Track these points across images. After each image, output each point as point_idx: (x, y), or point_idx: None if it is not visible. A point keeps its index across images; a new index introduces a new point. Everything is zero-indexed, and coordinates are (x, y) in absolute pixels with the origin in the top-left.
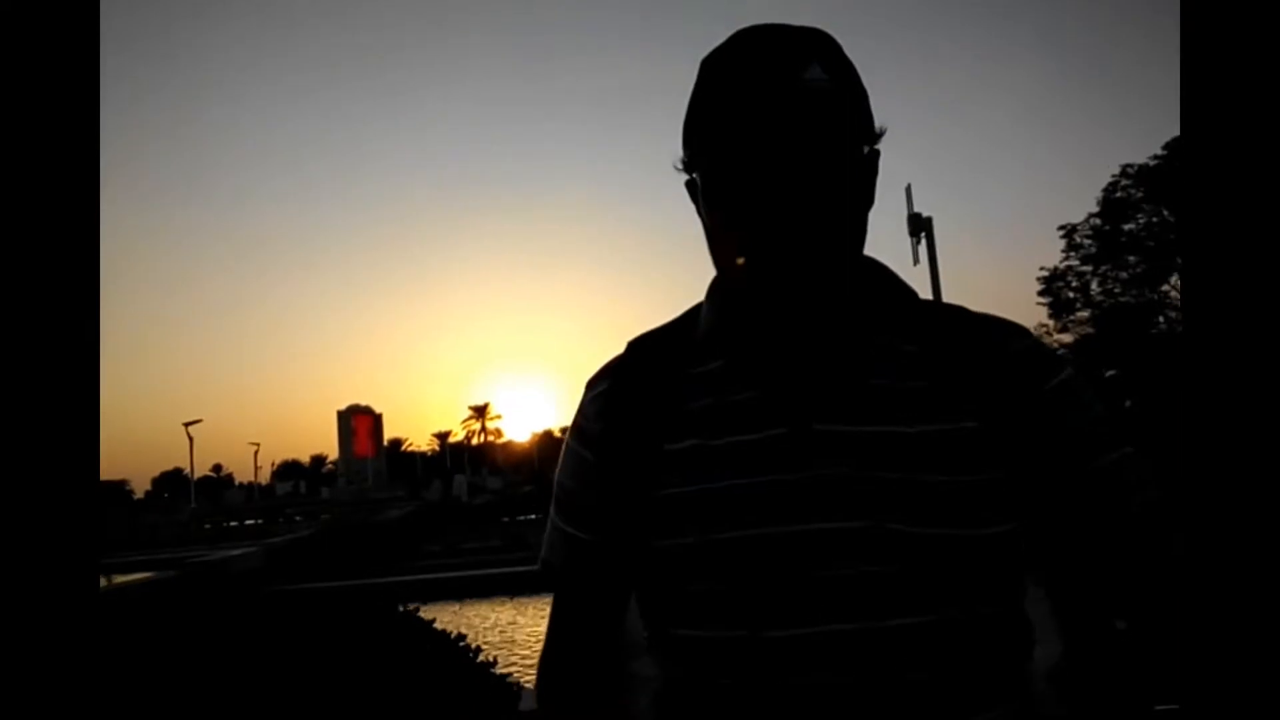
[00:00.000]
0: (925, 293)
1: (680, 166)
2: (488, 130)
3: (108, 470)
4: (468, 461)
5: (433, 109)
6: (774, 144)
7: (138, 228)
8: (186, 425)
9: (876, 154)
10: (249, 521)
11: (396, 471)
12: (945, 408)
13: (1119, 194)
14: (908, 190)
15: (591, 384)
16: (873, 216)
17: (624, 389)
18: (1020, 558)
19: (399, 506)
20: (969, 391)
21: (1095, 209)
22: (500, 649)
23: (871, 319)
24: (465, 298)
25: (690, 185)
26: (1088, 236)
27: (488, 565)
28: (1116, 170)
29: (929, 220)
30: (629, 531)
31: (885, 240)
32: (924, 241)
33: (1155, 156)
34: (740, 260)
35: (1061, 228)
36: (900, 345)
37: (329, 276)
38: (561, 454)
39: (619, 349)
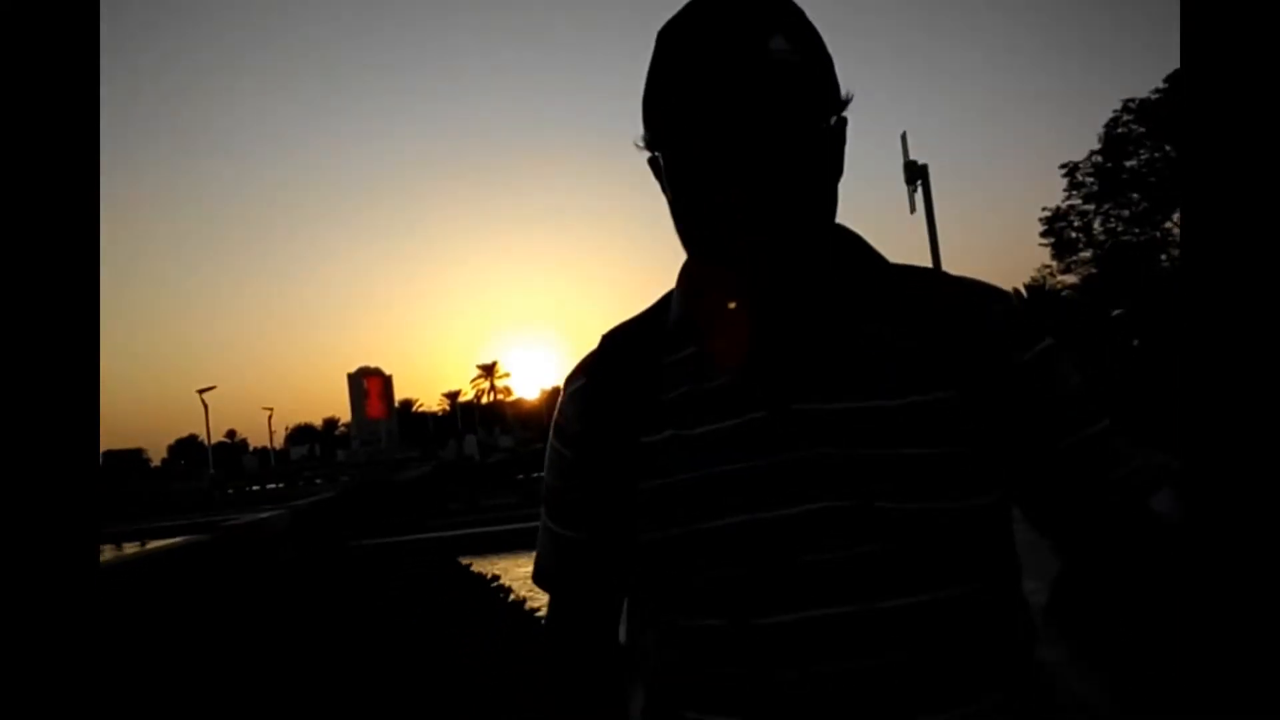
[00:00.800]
0: (923, 240)
1: (641, 145)
2: (495, 92)
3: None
4: (478, 420)
5: (440, 72)
6: (738, 120)
7: (148, 197)
8: (200, 392)
9: (844, 122)
10: (269, 486)
11: (408, 432)
12: (924, 378)
13: (1120, 129)
14: (903, 138)
15: (569, 382)
16: (869, 164)
17: (599, 385)
18: (1009, 531)
19: (415, 467)
20: (947, 360)
21: (1096, 147)
22: (529, 594)
23: (845, 293)
24: (470, 258)
25: (653, 163)
26: (1089, 175)
27: (507, 521)
28: (1117, 106)
29: (924, 168)
30: (615, 528)
31: (882, 187)
32: (920, 189)
33: (1156, 90)
34: (706, 239)
35: (1063, 166)
36: (876, 317)
37: (335, 239)
38: (546, 454)
39: (625, 304)
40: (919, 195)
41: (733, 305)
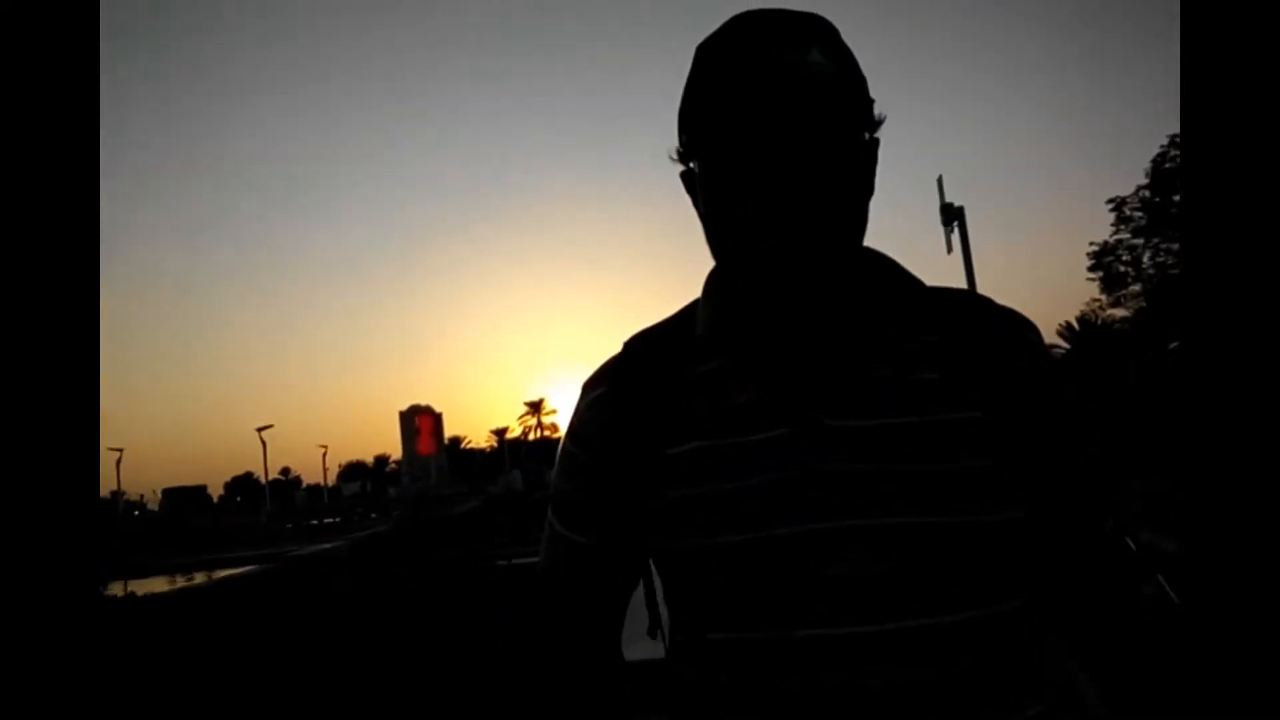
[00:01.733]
0: (960, 279)
1: (676, 156)
2: (541, 127)
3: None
4: (525, 457)
5: (487, 111)
6: (773, 130)
7: (211, 250)
8: (259, 430)
9: (876, 142)
10: (326, 520)
11: (457, 468)
12: (952, 397)
13: (1168, 164)
14: (939, 181)
15: (588, 388)
16: (907, 205)
17: (621, 393)
18: (1032, 547)
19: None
20: (976, 380)
21: (1144, 180)
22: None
23: (874, 312)
24: (518, 295)
25: (685, 176)
26: (1137, 209)
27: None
28: (1163, 141)
29: (961, 209)
30: (628, 536)
31: (920, 228)
32: (956, 230)
33: None
34: (738, 249)
35: (1110, 201)
36: (906, 337)
37: (387, 283)
38: (558, 457)
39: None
40: (955, 236)
41: (760, 318)
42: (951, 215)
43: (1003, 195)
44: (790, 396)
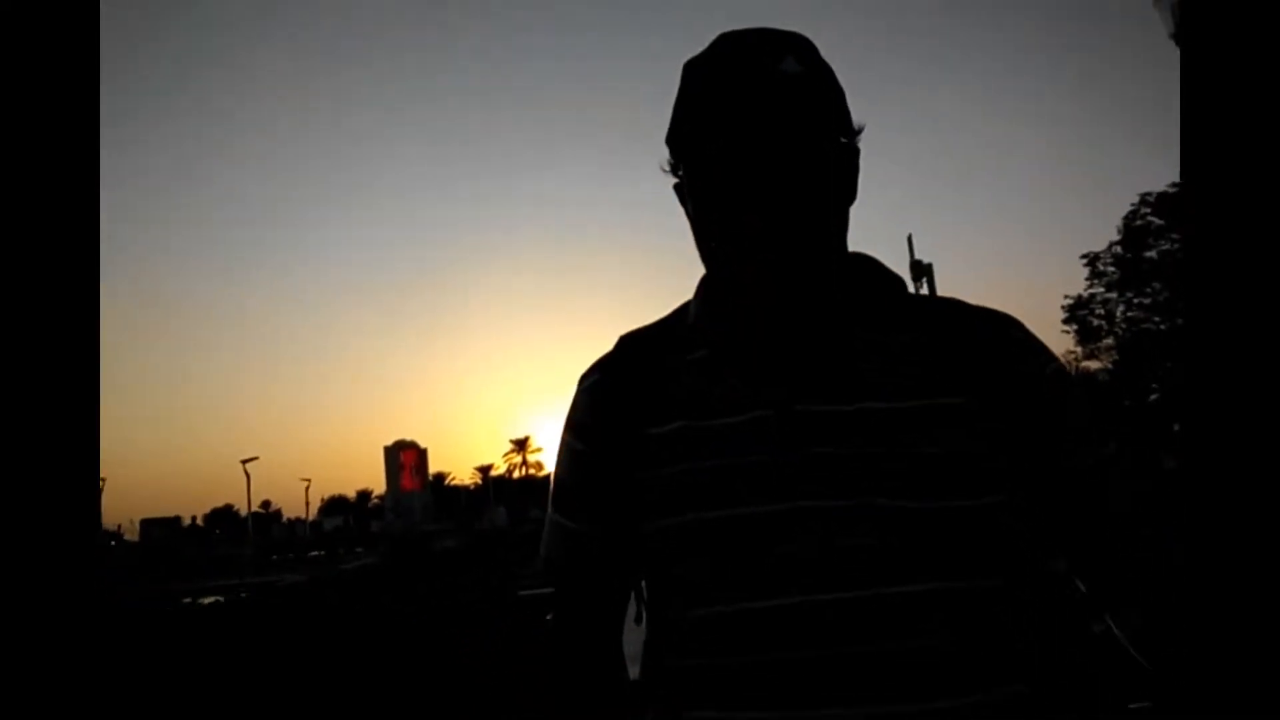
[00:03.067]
0: None
1: (667, 168)
2: (527, 165)
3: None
4: (510, 494)
5: (467, 146)
6: (750, 131)
7: (194, 278)
8: (244, 462)
9: (856, 151)
10: (312, 553)
11: (442, 505)
12: (933, 384)
13: (1139, 221)
14: (909, 239)
15: (583, 378)
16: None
17: (612, 379)
18: (1020, 531)
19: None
20: (960, 369)
21: (1116, 237)
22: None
23: (858, 309)
24: (503, 333)
25: (678, 189)
26: (1110, 264)
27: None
28: (1135, 200)
29: (929, 266)
30: (622, 520)
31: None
32: (925, 286)
33: (1174, 184)
34: (721, 247)
35: (1084, 256)
36: (889, 335)
37: (373, 318)
38: (557, 449)
39: None
40: (924, 291)
41: (745, 308)
42: (920, 272)
43: (973, 251)
44: (771, 382)
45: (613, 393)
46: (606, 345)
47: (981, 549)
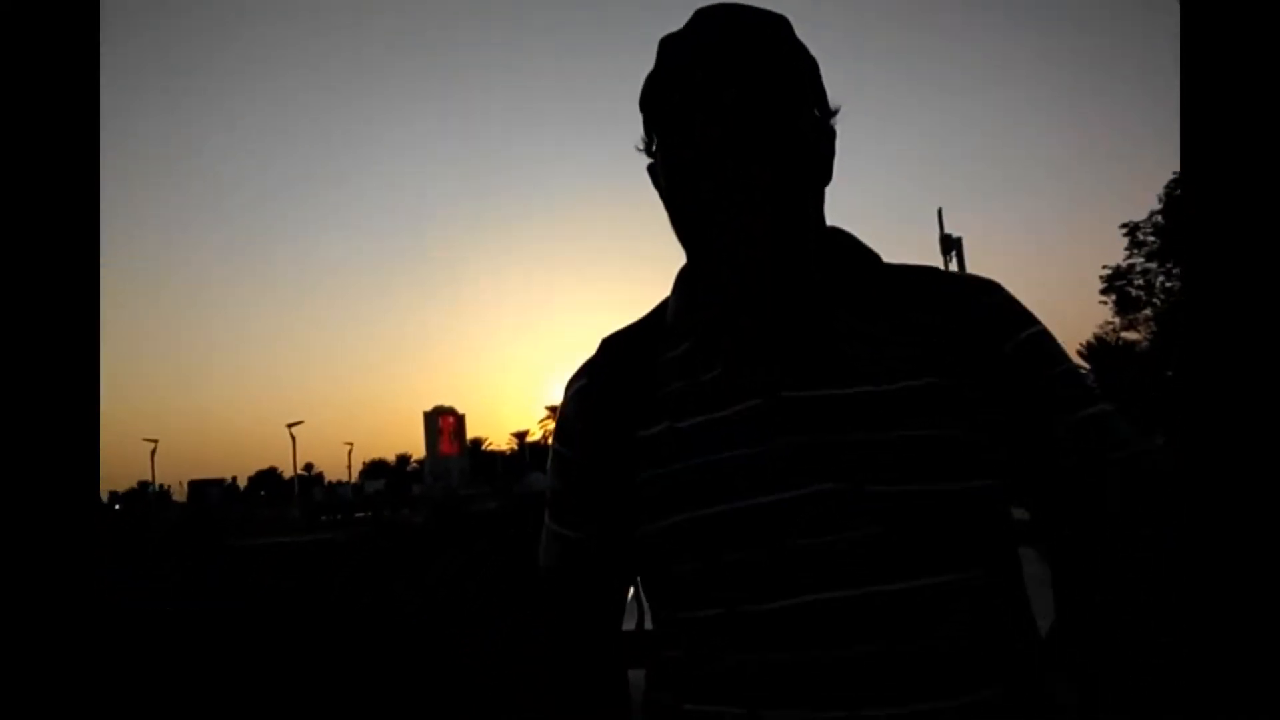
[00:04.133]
0: None
1: (641, 147)
2: (565, 128)
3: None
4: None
5: (504, 113)
6: (725, 107)
7: (233, 254)
8: (290, 426)
9: (832, 132)
10: (357, 515)
11: (478, 469)
12: (914, 365)
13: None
14: (939, 213)
15: (570, 384)
16: (910, 237)
17: (598, 384)
18: (1006, 520)
19: (490, 501)
20: (936, 348)
21: (1156, 206)
22: None
23: (834, 287)
24: (542, 300)
25: (651, 169)
26: (1150, 234)
27: None
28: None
29: (959, 240)
30: (616, 525)
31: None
32: (955, 260)
33: None
34: (694, 236)
35: (1123, 225)
36: (871, 317)
37: (412, 286)
38: (550, 459)
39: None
40: (954, 265)
41: (722, 294)
42: (950, 246)
43: (1007, 222)
44: (755, 371)
45: (598, 397)
46: (642, 310)
47: (968, 537)
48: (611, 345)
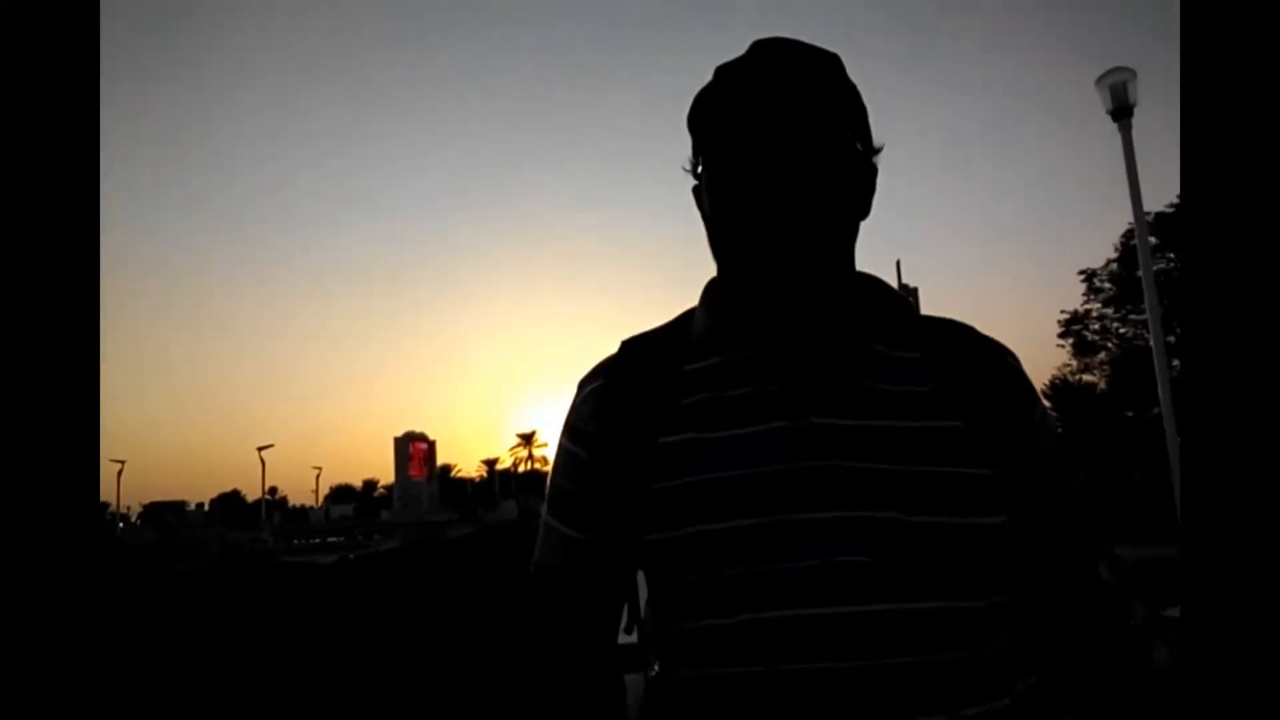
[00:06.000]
0: None
1: (687, 168)
2: (534, 157)
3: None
4: (516, 488)
5: (475, 139)
6: (776, 136)
7: (203, 273)
8: (260, 449)
9: (874, 169)
10: (330, 539)
11: (448, 496)
12: (937, 407)
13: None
14: (897, 264)
15: (584, 383)
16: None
17: (618, 385)
18: (1013, 557)
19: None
20: (961, 394)
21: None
22: None
23: (867, 324)
24: (513, 328)
25: (696, 191)
26: (1106, 281)
27: None
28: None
29: (915, 290)
30: (626, 528)
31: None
32: None
33: (1171, 205)
34: (734, 254)
35: (1081, 272)
36: (896, 352)
37: (381, 312)
38: (555, 455)
39: None
40: None
41: (757, 316)
42: (906, 295)
43: (966, 268)
44: (786, 392)
45: (618, 400)
46: (611, 344)
47: (980, 568)
48: (633, 349)
